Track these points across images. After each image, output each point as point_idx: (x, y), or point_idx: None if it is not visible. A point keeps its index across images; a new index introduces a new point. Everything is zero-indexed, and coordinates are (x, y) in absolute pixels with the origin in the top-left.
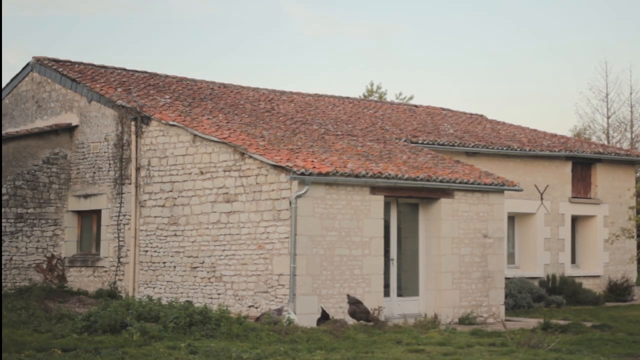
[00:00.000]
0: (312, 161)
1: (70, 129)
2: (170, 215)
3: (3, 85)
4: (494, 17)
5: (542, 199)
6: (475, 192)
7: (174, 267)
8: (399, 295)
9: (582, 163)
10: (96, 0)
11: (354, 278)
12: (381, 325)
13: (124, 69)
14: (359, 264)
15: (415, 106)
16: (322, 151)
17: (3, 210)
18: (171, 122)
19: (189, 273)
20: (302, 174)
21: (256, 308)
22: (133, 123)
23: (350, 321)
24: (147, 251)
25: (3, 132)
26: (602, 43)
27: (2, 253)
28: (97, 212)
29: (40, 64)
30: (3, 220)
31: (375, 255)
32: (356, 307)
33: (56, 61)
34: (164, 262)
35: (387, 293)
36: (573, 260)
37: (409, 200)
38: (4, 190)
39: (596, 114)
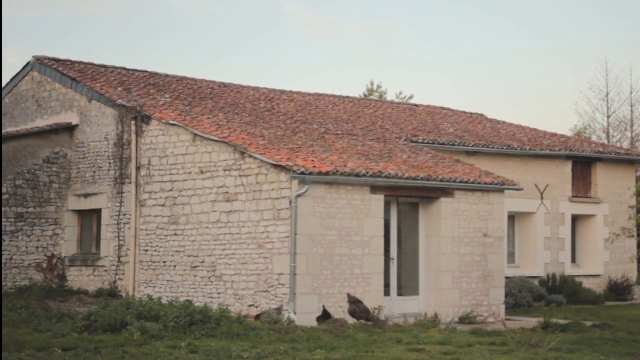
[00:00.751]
0: (312, 160)
1: (70, 128)
2: (170, 215)
3: (3, 84)
4: (494, 17)
5: (542, 198)
6: (475, 191)
7: (174, 266)
8: (399, 294)
9: (582, 162)
10: (96, 0)
11: (354, 277)
12: (381, 324)
13: (124, 68)
14: (359, 263)
15: (415, 105)
16: (322, 150)
17: (3, 209)
18: (171, 122)
19: (189, 272)
20: (302, 173)
21: (256, 307)
22: (133, 122)
23: (351, 320)
24: (147, 250)
25: (3, 131)
26: (602, 43)
27: (2, 252)
28: (97, 212)
29: (40, 63)
30: (3, 220)
31: (375, 254)
32: (356, 307)
33: (56, 60)
34: (164, 261)
35: (387, 292)
36: (573, 260)
37: (409, 199)
38: (4, 190)
39: (596, 113)
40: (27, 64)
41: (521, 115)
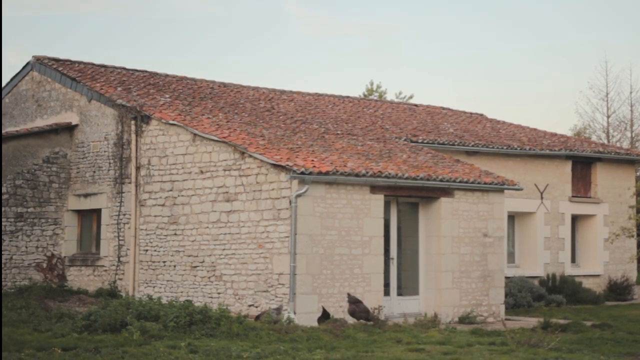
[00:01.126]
0: (312, 160)
1: (70, 128)
2: (170, 215)
3: (3, 84)
4: (494, 17)
5: (542, 198)
6: (475, 191)
7: (174, 266)
8: (399, 294)
9: (582, 162)
10: (96, 0)
11: (354, 277)
12: (381, 324)
13: (124, 68)
14: (359, 263)
15: (415, 105)
16: (322, 150)
17: (3, 209)
18: (171, 121)
19: (189, 272)
20: (302, 173)
21: (256, 307)
22: (133, 122)
23: (350, 320)
24: (147, 250)
25: (3, 131)
26: (602, 43)
27: (2, 252)
28: (97, 211)
29: (40, 63)
30: (3, 220)
31: (375, 254)
32: (356, 307)
33: (56, 60)
34: (164, 261)
35: (387, 292)
36: (573, 260)
37: (409, 199)
38: (4, 190)
39: (596, 113)
40: (27, 64)
41: (521, 115)
